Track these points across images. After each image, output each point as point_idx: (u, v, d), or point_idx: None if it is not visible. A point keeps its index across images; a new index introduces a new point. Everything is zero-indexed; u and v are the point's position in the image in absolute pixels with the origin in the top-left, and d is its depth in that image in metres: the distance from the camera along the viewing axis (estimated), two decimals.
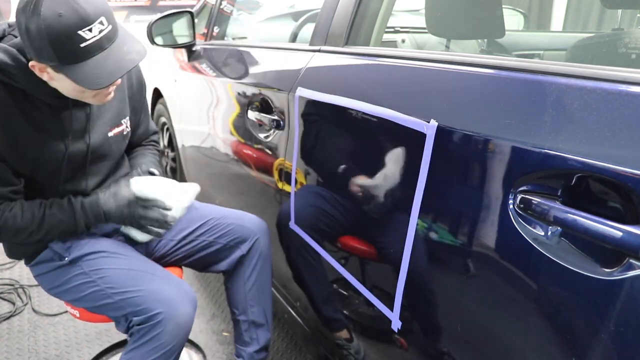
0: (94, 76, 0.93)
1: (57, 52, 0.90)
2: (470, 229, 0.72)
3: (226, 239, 1.33)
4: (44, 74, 0.97)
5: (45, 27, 0.87)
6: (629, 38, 0.98)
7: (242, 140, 1.57)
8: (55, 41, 0.88)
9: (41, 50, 0.90)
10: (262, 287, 1.35)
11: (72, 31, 0.88)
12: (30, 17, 0.88)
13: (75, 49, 0.90)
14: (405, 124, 0.81)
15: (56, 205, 1.10)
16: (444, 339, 0.82)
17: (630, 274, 0.52)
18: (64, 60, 0.91)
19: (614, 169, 0.53)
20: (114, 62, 0.95)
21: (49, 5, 0.87)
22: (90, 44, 0.91)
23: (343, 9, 1.14)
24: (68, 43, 0.89)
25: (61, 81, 0.97)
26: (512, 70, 0.71)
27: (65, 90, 1.01)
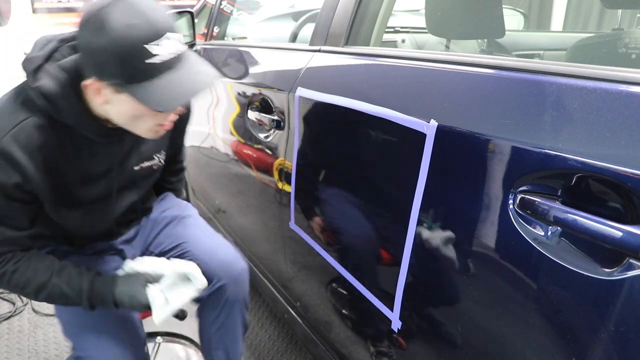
0: (162, 97, 0.82)
1: (123, 67, 0.80)
2: (470, 229, 0.72)
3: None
4: (99, 96, 0.86)
5: (113, 39, 0.77)
6: (629, 38, 0.98)
7: (242, 140, 1.57)
8: (122, 55, 0.78)
9: (104, 66, 0.80)
10: (228, 332, 1.25)
11: (141, 45, 0.79)
12: (96, 28, 0.78)
13: (143, 66, 0.80)
14: (405, 124, 0.81)
15: (65, 276, 0.99)
16: (444, 339, 0.82)
17: (630, 274, 0.52)
18: (130, 78, 0.81)
19: (614, 169, 0.53)
20: (184, 83, 0.84)
21: (119, 16, 0.78)
22: (158, 61, 0.81)
23: (343, 9, 1.14)
24: (136, 58, 0.79)
25: (119, 104, 0.86)
26: (512, 70, 0.71)
27: (121, 116, 0.89)
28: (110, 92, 0.84)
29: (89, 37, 0.80)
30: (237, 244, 1.82)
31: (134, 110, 0.86)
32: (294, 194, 1.22)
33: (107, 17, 0.78)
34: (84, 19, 0.81)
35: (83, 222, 1.06)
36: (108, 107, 0.88)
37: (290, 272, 1.36)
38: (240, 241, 1.78)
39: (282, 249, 1.37)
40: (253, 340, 1.78)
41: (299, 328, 1.37)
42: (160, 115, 0.90)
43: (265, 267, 1.57)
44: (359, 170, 1.00)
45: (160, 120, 0.92)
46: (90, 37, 0.80)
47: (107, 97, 0.86)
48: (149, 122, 0.90)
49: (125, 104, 0.85)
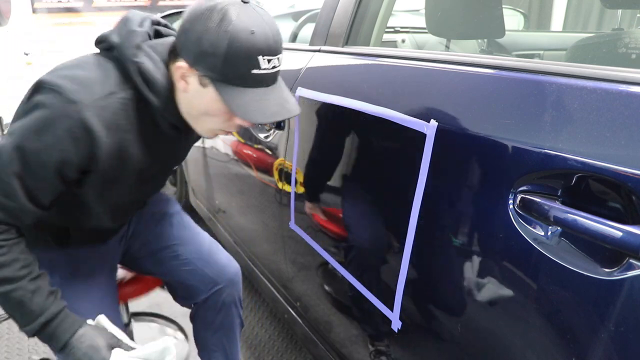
0: (248, 107, 0.83)
1: (226, 66, 0.80)
2: (471, 229, 0.72)
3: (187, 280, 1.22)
4: (182, 82, 0.86)
5: (231, 37, 0.78)
6: (629, 38, 0.98)
7: (242, 140, 1.57)
8: (233, 55, 0.79)
9: (208, 57, 0.80)
10: (226, 333, 1.26)
11: (253, 54, 0.80)
12: (219, 20, 0.79)
13: (245, 73, 0.81)
14: (405, 124, 0.81)
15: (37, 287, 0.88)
16: (444, 339, 0.82)
17: (630, 274, 0.52)
18: (226, 78, 0.82)
19: (614, 169, 0.53)
20: (271, 104, 0.85)
21: (245, 18, 0.80)
22: (261, 74, 0.82)
23: (343, 9, 1.14)
24: (244, 64, 0.80)
25: (197, 96, 0.86)
26: (512, 70, 0.71)
27: (192, 107, 0.89)
28: (195, 81, 0.85)
29: (207, 24, 0.79)
30: (237, 244, 1.82)
31: (210, 107, 0.87)
32: (294, 194, 1.22)
33: (234, 14, 0.79)
34: (206, 6, 0.81)
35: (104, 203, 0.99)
36: (184, 95, 0.88)
37: (290, 272, 1.36)
38: (240, 241, 1.78)
39: (282, 249, 1.37)
40: (253, 340, 1.78)
41: (299, 328, 1.37)
42: (229, 122, 0.90)
43: (265, 267, 1.57)
44: (359, 170, 1.00)
45: (226, 127, 0.92)
46: (208, 25, 0.79)
47: (190, 86, 0.86)
48: (216, 123, 0.91)
49: (204, 98, 0.86)
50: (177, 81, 0.87)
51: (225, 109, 0.85)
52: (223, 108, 0.86)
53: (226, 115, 0.88)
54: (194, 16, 0.81)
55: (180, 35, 0.85)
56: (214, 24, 0.79)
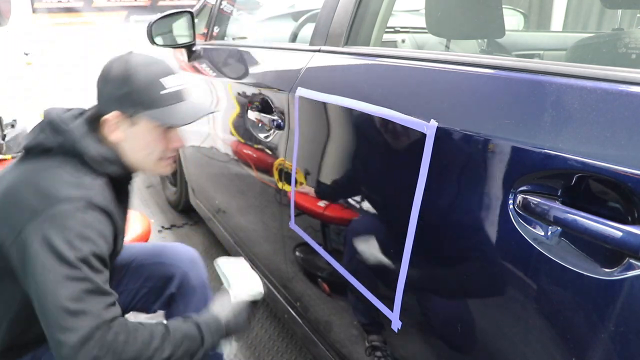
0: (177, 115, 1.01)
1: (140, 95, 0.98)
2: (471, 229, 0.72)
3: (152, 282, 1.28)
4: (116, 132, 1.00)
5: (133, 74, 0.98)
6: (629, 38, 0.98)
7: (242, 140, 1.57)
8: (140, 85, 0.98)
9: (123, 98, 0.98)
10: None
11: (155, 78, 1.00)
12: (118, 68, 0.99)
13: (157, 95, 0.99)
14: (405, 124, 0.81)
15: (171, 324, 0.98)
16: (444, 339, 0.82)
17: (630, 274, 0.52)
18: (148, 105, 0.98)
19: (614, 169, 0.53)
20: (192, 108, 1.05)
21: (137, 58, 1.00)
22: (169, 92, 1.01)
23: (343, 9, 1.14)
24: (152, 88, 0.99)
25: (135, 137, 1.01)
26: (512, 70, 0.71)
27: (135, 150, 1.03)
28: (125, 125, 1.00)
29: (112, 76, 0.99)
30: (237, 244, 1.82)
31: (148, 138, 1.02)
32: (294, 194, 1.22)
33: (129, 60, 1.00)
34: (107, 65, 1.01)
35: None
36: (123, 145, 1.02)
37: (290, 272, 1.36)
38: (240, 241, 1.78)
39: (282, 249, 1.37)
40: (253, 340, 1.78)
41: (299, 328, 1.37)
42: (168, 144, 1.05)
43: (265, 267, 1.57)
44: (359, 170, 1.00)
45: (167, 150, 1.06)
46: (114, 76, 0.99)
47: (124, 132, 1.01)
48: (158, 151, 1.05)
49: (140, 134, 1.01)
50: (111, 136, 1.01)
51: (158, 134, 1.02)
52: (156, 134, 1.02)
53: (162, 141, 1.04)
54: (102, 78, 1.01)
55: (98, 98, 1.02)
56: (117, 73, 0.99)
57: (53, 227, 0.86)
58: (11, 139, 3.03)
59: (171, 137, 1.06)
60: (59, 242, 0.85)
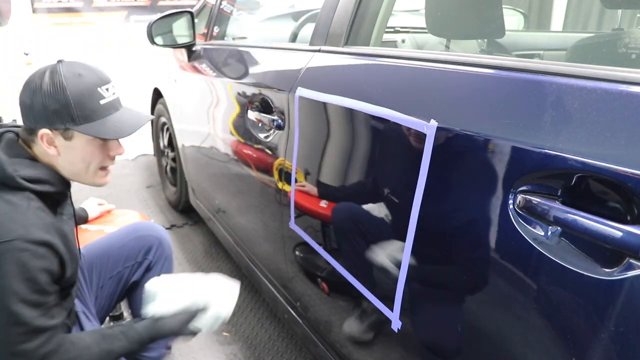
0: (115, 128, 0.96)
1: (78, 109, 0.92)
2: (470, 229, 0.72)
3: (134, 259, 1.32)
4: (51, 147, 0.95)
5: (67, 86, 0.90)
6: (629, 38, 0.98)
7: (242, 140, 1.57)
8: (77, 98, 0.91)
9: (59, 112, 0.91)
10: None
11: (92, 88, 0.94)
12: (49, 80, 0.91)
13: (95, 106, 0.94)
14: (405, 123, 0.81)
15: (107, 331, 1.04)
16: (444, 339, 0.82)
17: (630, 274, 0.52)
18: (85, 118, 0.93)
19: (614, 169, 0.53)
20: (131, 118, 1.00)
21: (67, 68, 0.93)
22: (108, 102, 0.96)
23: (343, 9, 1.14)
24: (89, 99, 0.93)
25: (70, 152, 0.96)
26: (512, 70, 0.71)
27: (71, 164, 0.99)
28: (61, 140, 0.95)
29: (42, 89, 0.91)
30: (237, 244, 1.82)
31: (85, 152, 0.98)
32: (294, 194, 1.22)
33: (58, 70, 0.91)
34: (28, 81, 0.93)
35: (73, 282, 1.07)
36: (59, 159, 0.98)
37: (290, 272, 1.36)
38: (240, 241, 1.78)
39: (282, 249, 1.37)
40: (253, 340, 1.78)
41: (299, 328, 1.37)
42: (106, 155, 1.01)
43: (265, 267, 1.57)
44: (359, 170, 1.00)
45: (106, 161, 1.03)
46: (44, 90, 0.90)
47: (59, 147, 0.96)
48: (97, 163, 1.01)
49: (76, 149, 0.96)
50: (47, 152, 0.96)
51: (96, 145, 0.98)
52: (95, 145, 0.98)
53: (101, 152, 1.00)
54: (29, 91, 0.93)
55: (27, 113, 0.95)
56: (47, 86, 0.91)
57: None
58: None
59: (110, 146, 1.02)
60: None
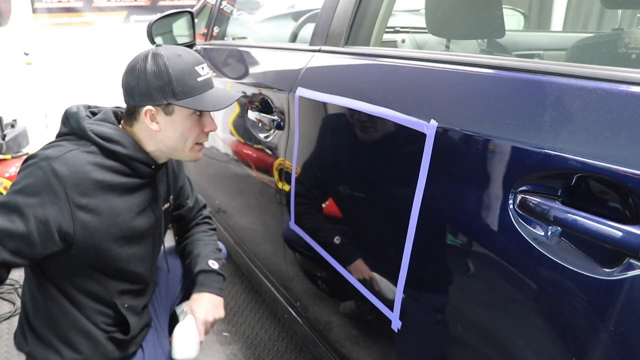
0: (213, 102, 1.04)
1: (179, 85, 1.00)
2: (470, 229, 0.72)
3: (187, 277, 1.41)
4: (154, 123, 1.04)
5: (169, 65, 1.00)
6: (629, 38, 0.98)
7: (242, 140, 1.57)
8: (179, 75, 1.00)
9: (162, 89, 1.00)
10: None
11: (191, 66, 1.03)
12: (152, 61, 1.00)
13: (194, 83, 1.02)
14: (405, 124, 0.81)
15: None
16: (444, 339, 0.82)
17: (630, 274, 0.52)
18: (185, 93, 1.01)
19: (614, 169, 0.53)
20: (224, 94, 1.08)
21: (167, 50, 1.02)
22: (204, 79, 1.05)
23: (343, 9, 1.14)
24: (188, 76, 1.02)
25: (170, 126, 1.05)
26: (512, 70, 0.71)
27: (171, 138, 1.06)
28: (162, 116, 1.04)
29: (147, 70, 1.00)
30: (237, 244, 1.82)
31: (183, 126, 1.05)
32: (294, 194, 1.22)
33: (159, 52, 1.01)
34: (131, 64, 1.03)
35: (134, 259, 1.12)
36: (160, 135, 1.06)
37: (290, 272, 1.36)
38: (240, 241, 1.78)
39: (282, 249, 1.37)
40: (253, 340, 1.78)
41: (299, 328, 1.37)
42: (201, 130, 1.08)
43: (265, 267, 1.57)
44: (359, 170, 1.00)
45: (201, 137, 1.10)
46: (148, 70, 1.00)
47: (161, 122, 1.05)
48: (192, 138, 1.08)
49: (175, 123, 1.05)
50: (151, 128, 1.04)
51: (194, 120, 1.06)
52: (192, 120, 1.06)
53: (197, 126, 1.07)
54: (133, 74, 1.02)
55: (130, 93, 1.03)
56: (151, 67, 1.00)
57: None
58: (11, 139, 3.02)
59: (205, 122, 1.09)
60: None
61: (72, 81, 3.61)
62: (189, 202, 1.38)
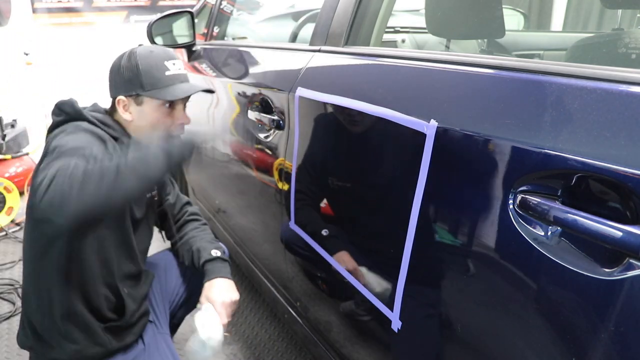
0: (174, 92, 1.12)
1: (146, 77, 1.10)
2: (471, 229, 0.72)
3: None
4: (127, 113, 1.14)
5: (140, 59, 1.10)
6: (629, 38, 0.98)
7: (242, 140, 1.57)
8: (147, 68, 1.10)
9: (131, 80, 1.10)
10: None
11: (160, 61, 1.12)
12: (127, 57, 1.12)
13: (162, 76, 1.11)
14: (405, 124, 0.81)
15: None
16: (444, 339, 0.82)
17: (630, 274, 0.52)
18: (152, 85, 1.10)
19: (614, 169, 0.53)
20: (190, 88, 1.16)
21: (142, 48, 1.14)
22: (173, 74, 1.13)
23: (343, 9, 1.14)
24: (156, 70, 1.11)
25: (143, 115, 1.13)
26: (512, 70, 0.71)
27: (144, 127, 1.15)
28: (134, 106, 1.13)
29: (121, 64, 1.11)
30: (237, 244, 1.82)
31: (153, 116, 1.13)
32: (294, 194, 1.22)
33: (135, 50, 1.13)
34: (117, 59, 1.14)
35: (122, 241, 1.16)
36: (132, 124, 1.15)
37: (290, 272, 1.36)
38: (240, 241, 1.78)
39: (282, 249, 1.37)
40: (253, 340, 1.78)
41: (299, 328, 1.37)
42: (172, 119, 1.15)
43: (265, 267, 1.57)
44: (359, 170, 1.00)
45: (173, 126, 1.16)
46: (122, 64, 1.11)
47: (133, 112, 1.14)
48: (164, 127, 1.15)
49: (146, 113, 1.13)
50: (124, 117, 1.14)
51: (164, 112, 1.13)
52: (162, 112, 1.13)
53: (167, 118, 1.15)
54: (113, 69, 1.15)
55: (110, 86, 1.16)
56: (125, 62, 1.12)
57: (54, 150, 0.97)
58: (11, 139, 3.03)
59: (175, 115, 1.16)
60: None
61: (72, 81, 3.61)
62: (170, 198, 1.40)
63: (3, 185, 2.67)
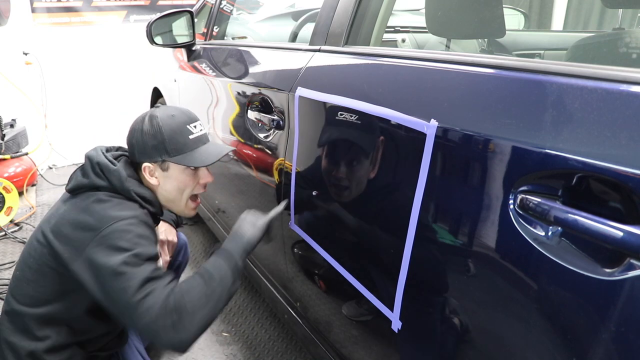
0: (202, 157, 1.15)
1: (171, 143, 1.12)
2: (471, 229, 0.72)
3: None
4: (153, 178, 1.17)
5: (162, 125, 1.12)
6: (630, 38, 0.98)
7: (242, 140, 1.57)
8: (171, 134, 1.12)
9: (156, 147, 1.13)
10: None
11: (182, 126, 1.15)
12: (149, 122, 1.13)
13: (186, 140, 1.14)
14: (405, 123, 0.81)
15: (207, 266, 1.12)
16: (445, 339, 0.82)
17: (631, 274, 0.52)
18: (177, 151, 1.13)
19: (614, 169, 0.52)
20: (215, 149, 1.19)
21: (162, 111, 1.15)
22: (196, 136, 1.16)
23: (343, 9, 1.14)
24: (180, 135, 1.14)
25: (167, 181, 1.17)
26: (512, 70, 0.71)
27: (169, 192, 1.19)
28: (159, 171, 1.16)
29: (143, 130, 1.13)
30: None
31: (179, 181, 1.18)
32: (294, 194, 1.22)
33: (155, 114, 1.14)
34: (135, 124, 1.16)
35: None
36: (159, 188, 1.19)
37: (290, 272, 1.36)
38: None
39: (282, 249, 1.37)
40: (253, 340, 1.78)
41: (299, 328, 1.37)
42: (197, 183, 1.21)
43: (265, 267, 1.57)
44: (359, 170, 1.00)
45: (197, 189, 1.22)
46: (144, 130, 1.13)
47: (159, 178, 1.17)
48: (188, 191, 1.21)
49: (172, 178, 1.17)
50: (151, 182, 1.17)
51: (189, 174, 1.18)
52: (187, 174, 1.18)
53: (192, 180, 1.19)
54: (133, 134, 1.16)
55: (132, 150, 1.17)
56: (147, 127, 1.13)
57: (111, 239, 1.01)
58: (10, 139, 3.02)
59: (200, 175, 1.21)
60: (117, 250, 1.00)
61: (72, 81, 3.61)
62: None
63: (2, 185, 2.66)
